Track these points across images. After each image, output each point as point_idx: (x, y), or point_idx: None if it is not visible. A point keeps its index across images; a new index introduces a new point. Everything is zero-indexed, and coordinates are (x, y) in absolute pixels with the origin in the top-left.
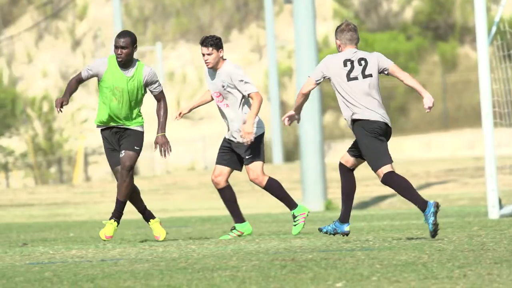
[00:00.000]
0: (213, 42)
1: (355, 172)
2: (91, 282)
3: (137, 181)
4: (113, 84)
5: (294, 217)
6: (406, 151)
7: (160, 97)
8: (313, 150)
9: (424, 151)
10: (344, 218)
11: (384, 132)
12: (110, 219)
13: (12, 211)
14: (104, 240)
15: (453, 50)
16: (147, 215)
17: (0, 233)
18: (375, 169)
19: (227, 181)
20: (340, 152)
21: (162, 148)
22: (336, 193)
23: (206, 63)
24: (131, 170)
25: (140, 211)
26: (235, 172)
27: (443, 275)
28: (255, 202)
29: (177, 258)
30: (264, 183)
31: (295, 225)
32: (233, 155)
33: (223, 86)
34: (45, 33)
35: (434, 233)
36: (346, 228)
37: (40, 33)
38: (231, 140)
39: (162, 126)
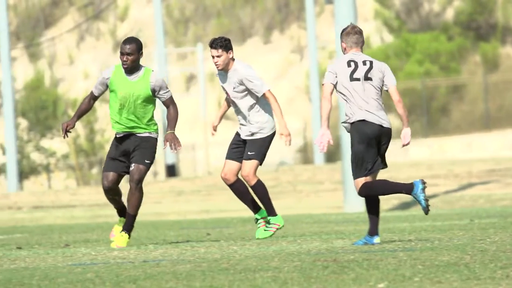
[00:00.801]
0: (222, 44)
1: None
2: (133, 283)
3: (178, 182)
4: (118, 90)
5: (268, 222)
6: (448, 152)
7: (169, 103)
8: None
9: (466, 152)
10: (372, 230)
11: (377, 135)
12: (122, 231)
13: (54, 212)
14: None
15: (495, 50)
16: (123, 213)
17: (42, 234)
18: (354, 178)
19: (236, 175)
20: None
21: (172, 144)
22: None
23: (216, 65)
24: (140, 183)
25: (116, 208)
26: (277, 173)
27: (486, 275)
28: (296, 203)
29: (219, 259)
30: (253, 182)
31: (265, 230)
32: (244, 150)
33: (234, 88)
34: (86, 35)
35: (427, 208)
36: (375, 240)
37: (82, 34)
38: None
39: (171, 126)
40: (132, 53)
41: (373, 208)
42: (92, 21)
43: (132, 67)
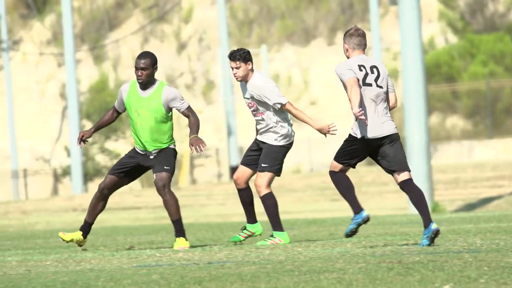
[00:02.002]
0: (240, 56)
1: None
2: (198, 285)
3: None
4: (133, 106)
5: (271, 236)
6: None
7: (187, 114)
8: (419, 152)
9: None
10: (426, 222)
11: (377, 145)
12: (177, 237)
13: (119, 214)
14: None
15: None
16: (86, 230)
17: (107, 236)
18: (334, 158)
19: (247, 182)
20: (446, 154)
21: (197, 147)
22: (443, 195)
23: (235, 76)
24: (165, 188)
25: (86, 222)
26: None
27: None
28: (361, 204)
29: (283, 260)
30: (262, 194)
31: (265, 240)
32: (259, 157)
33: (253, 98)
34: (150, 37)
35: (348, 235)
36: (433, 226)
37: (146, 36)
38: (260, 141)
39: (193, 131)
40: (146, 68)
41: (417, 201)
42: (156, 23)
43: (147, 82)
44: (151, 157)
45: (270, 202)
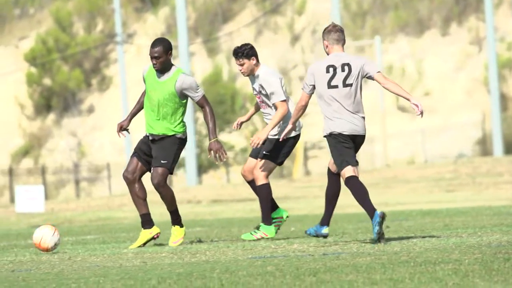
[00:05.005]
0: (243, 53)
1: None
2: (313, 276)
3: None
4: (148, 89)
5: (258, 228)
6: None
7: (202, 103)
8: None
9: None
10: (324, 221)
11: (351, 140)
12: (173, 226)
13: (233, 206)
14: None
15: None
16: (148, 222)
17: (223, 228)
18: (339, 170)
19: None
20: None
21: (217, 154)
22: None
23: (241, 73)
24: (159, 184)
25: (141, 216)
26: (456, 165)
27: None
28: (475, 195)
29: (398, 251)
30: (259, 183)
31: (251, 233)
32: None
33: (260, 91)
34: (264, 29)
35: (377, 240)
36: (324, 230)
37: (259, 28)
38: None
39: (212, 132)
40: (160, 56)
41: (332, 198)
42: (270, 15)
43: (162, 68)
44: (155, 139)
45: (264, 192)
